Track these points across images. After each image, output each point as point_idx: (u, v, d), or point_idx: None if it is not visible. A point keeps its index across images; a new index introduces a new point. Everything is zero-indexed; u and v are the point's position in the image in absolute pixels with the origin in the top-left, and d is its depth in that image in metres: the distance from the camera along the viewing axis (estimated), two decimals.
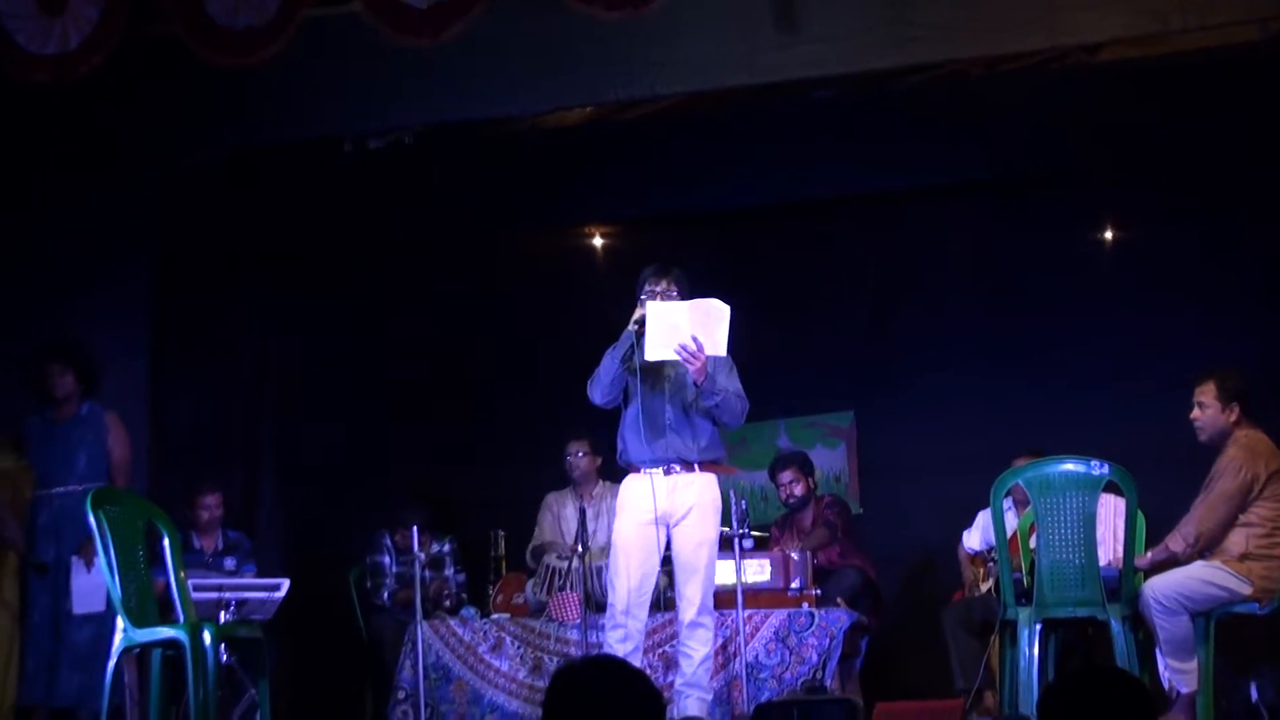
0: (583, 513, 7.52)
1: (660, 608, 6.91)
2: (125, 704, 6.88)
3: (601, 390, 6.43)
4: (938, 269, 8.98)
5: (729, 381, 6.40)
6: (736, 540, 6.77)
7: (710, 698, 6.51)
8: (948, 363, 8.91)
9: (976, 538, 7.95)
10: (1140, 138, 7.96)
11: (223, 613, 7.17)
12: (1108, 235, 8.91)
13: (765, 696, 6.87)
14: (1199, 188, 8.31)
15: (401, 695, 7.50)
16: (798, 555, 7.42)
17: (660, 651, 7.08)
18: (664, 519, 6.37)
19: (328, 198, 8.69)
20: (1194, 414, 6.43)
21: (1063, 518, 6.17)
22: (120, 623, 6.28)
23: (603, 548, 7.75)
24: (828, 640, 7.07)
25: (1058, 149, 8.19)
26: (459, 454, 9.44)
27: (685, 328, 6.17)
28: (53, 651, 6.91)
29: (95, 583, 6.67)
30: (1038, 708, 3.52)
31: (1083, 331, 8.69)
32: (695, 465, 6.40)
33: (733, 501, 6.80)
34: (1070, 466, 6.23)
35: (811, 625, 7.12)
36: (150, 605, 6.47)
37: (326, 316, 9.32)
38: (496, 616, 7.69)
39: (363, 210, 8.88)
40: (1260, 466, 6.27)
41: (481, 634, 7.55)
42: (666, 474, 6.38)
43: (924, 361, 8.97)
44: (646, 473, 6.38)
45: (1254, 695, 6.90)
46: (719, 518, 6.51)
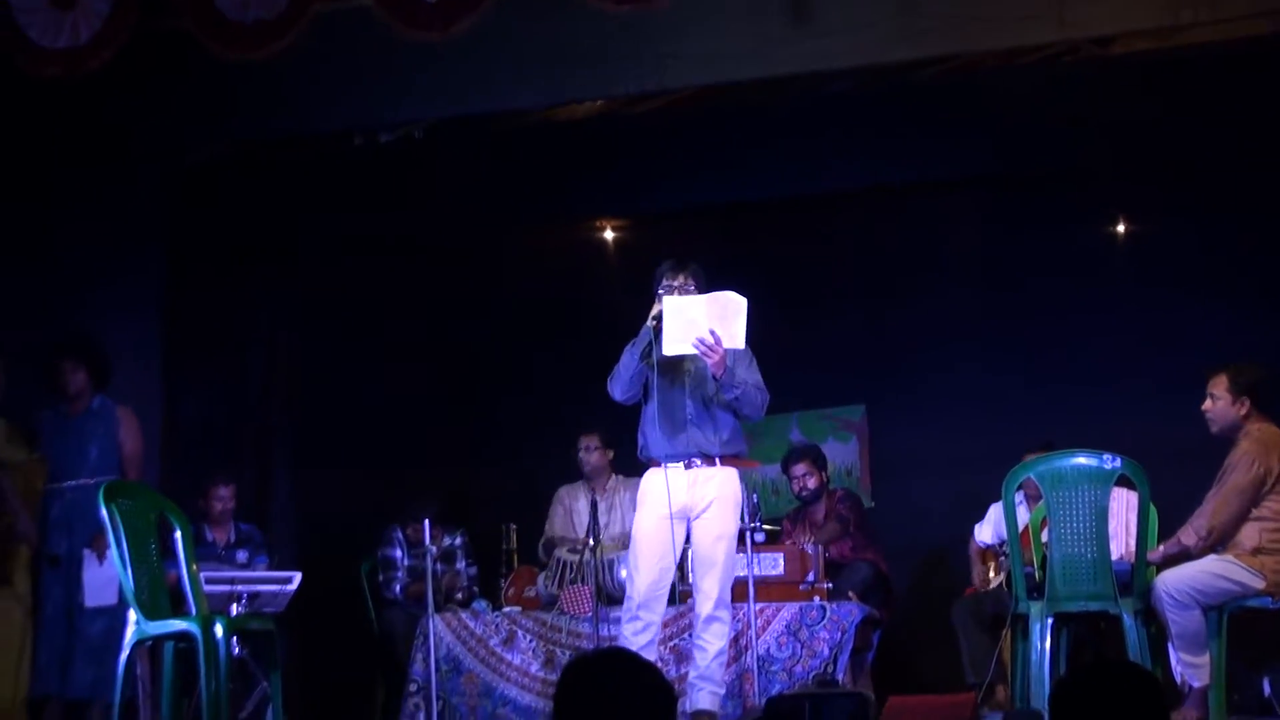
0: (594, 506, 7.50)
1: (673, 601, 6.89)
2: (138, 696, 6.87)
3: (622, 386, 6.41)
4: (949, 263, 8.96)
5: (748, 374, 6.39)
6: (748, 533, 6.75)
7: (723, 691, 6.50)
8: (959, 356, 8.90)
9: (988, 531, 7.94)
10: (1151, 132, 7.94)
11: (235, 605, 7.17)
12: (1119, 230, 8.89)
13: (776, 690, 6.86)
14: (1211, 182, 8.29)
15: (413, 688, 7.51)
16: (810, 549, 7.41)
17: (672, 644, 7.07)
18: (684, 513, 6.36)
19: (338, 192, 8.69)
20: (1205, 405, 6.42)
21: (1075, 511, 6.15)
22: (132, 615, 6.28)
23: (615, 541, 7.75)
24: (839, 634, 7.06)
25: (1069, 143, 8.18)
26: (471, 447, 9.45)
27: (703, 322, 6.15)
28: (66, 644, 6.91)
29: (107, 575, 6.67)
30: (1049, 702, 3.51)
31: (1094, 326, 8.68)
32: (716, 459, 6.38)
33: (744, 495, 6.78)
34: (1082, 460, 6.21)
35: (823, 619, 7.11)
36: (162, 598, 6.48)
37: (337, 310, 9.31)
38: (508, 610, 7.69)
39: (373, 204, 8.88)
40: (1273, 460, 6.25)
41: (493, 627, 7.55)
42: (688, 468, 6.36)
43: (935, 355, 8.96)
44: (668, 467, 6.37)
45: (1266, 689, 6.88)
46: (739, 512, 6.49)
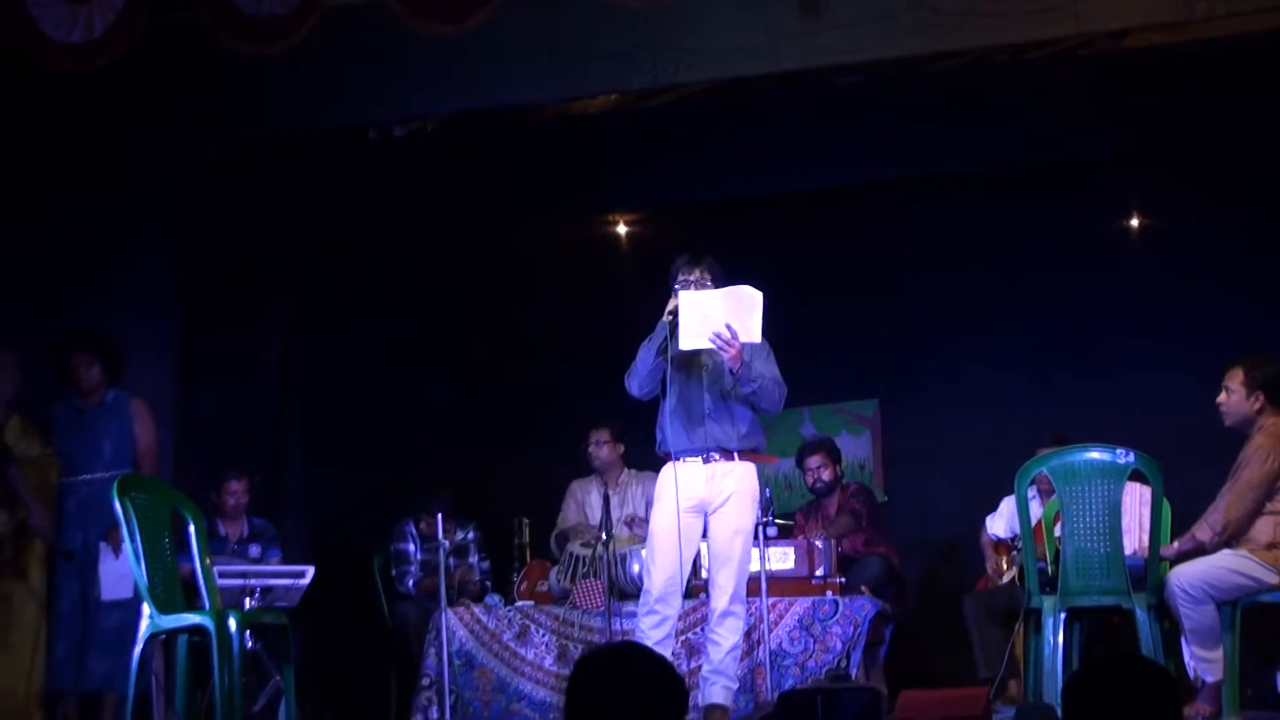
0: (607, 500, 7.51)
1: (686, 595, 6.87)
2: (151, 689, 6.90)
3: (639, 382, 6.41)
4: (963, 257, 8.95)
5: (766, 367, 6.37)
6: (761, 528, 6.74)
7: (736, 686, 6.49)
8: (972, 350, 8.89)
9: (1002, 524, 7.93)
10: (1165, 125, 7.92)
11: (248, 599, 7.18)
12: (1134, 223, 8.87)
13: (789, 684, 6.86)
14: (1226, 176, 8.27)
15: (426, 682, 7.52)
16: (822, 543, 7.40)
17: (684, 639, 7.06)
18: (702, 507, 6.36)
19: (352, 187, 8.69)
20: (1220, 398, 6.41)
21: (1088, 506, 6.14)
22: (146, 609, 6.29)
23: (627, 535, 7.75)
24: (852, 629, 7.06)
25: (1083, 137, 8.15)
26: (484, 441, 9.45)
27: (719, 316, 6.13)
28: (81, 638, 6.93)
29: (123, 569, 6.67)
30: (1062, 696, 3.51)
31: (1108, 320, 8.66)
32: (735, 454, 6.37)
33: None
34: (1096, 455, 6.20)
35: (836, 613, 7.10)
36: (176, 592, 6.48)
37: (350, 305, 9.31)
38: (521, 604, 7.69)
39: (387, 198, 8.89)
40: None
41: (506, 621, 7.56)
42: (706, 462, 6.36)
43: (949, 349, 8.95)
44: (686, 462, 6.37)
45: None
46: (757, 507, 6.49)
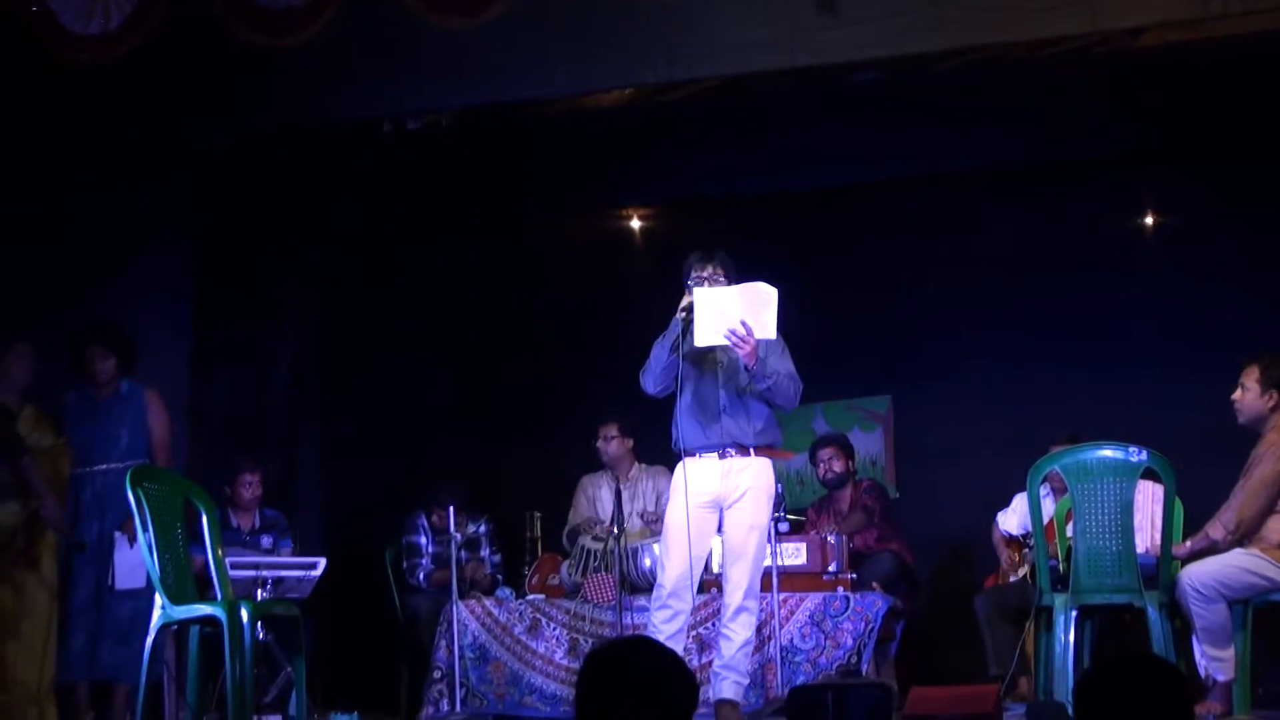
0: (618, 494, 7.51)
1: (698, 589, 6.87)
2: (163, 679, 6.92)
3: (654, 379, 6.41)
4: (976, 254, 8.93)
5: (781, 363, 6.37)
6: (772, 523, 6.74)
7: (747, 682, 6.48)
8: (985, 347, 8.88)
9: (1013, 521, 7.92)
10: (1180, 123, 7.90)
11: (260, 590, 7.19)
12: (1147, 221, 8.85)
13: (800, 680, 6.86)
14: (1242, 173, 8.25)
15: (437, 675, 7.53)
16: (834, 539, 7.40)
17: (696, 633, 7.06)
18: (717, 502, 6.36)
19: (366, 179, 8.70)
20: (1236, 395, 6.41)
21: (1100, 504, 6.13)
22: (158, 599, 6.30)
23: (639, 529, 7.75)
24: (863, 625, 7.05)
25: (1098, 133, 8.15)
26: (495, 435, 9.45)
27: (734, 313, 6.13)
28: (96, 627, 6.95)
29: (138, 558, 6.68)
30: (1073, 694, 3.51)
31: (1121, 317, 8.64)
32: (750, 450, 6.37)
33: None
34: (1108, 452, 6.20)
35: (847, 609, 7.10)
36: (188, 582, 6.50)
37: (363, 297, 9.33)
38: (532, 597, 7.70)
39: (401, 191, 8.89)
40: None
41: (518, 615, 7.56)
42: (721, 458, 6.36)
43: (961, 346, 8.93)
44: (702, 458, 6.37)
45: None
46: (772, 503, 6.50)
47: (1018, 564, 7.84)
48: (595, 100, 7.78)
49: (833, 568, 7.30)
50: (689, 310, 6.25)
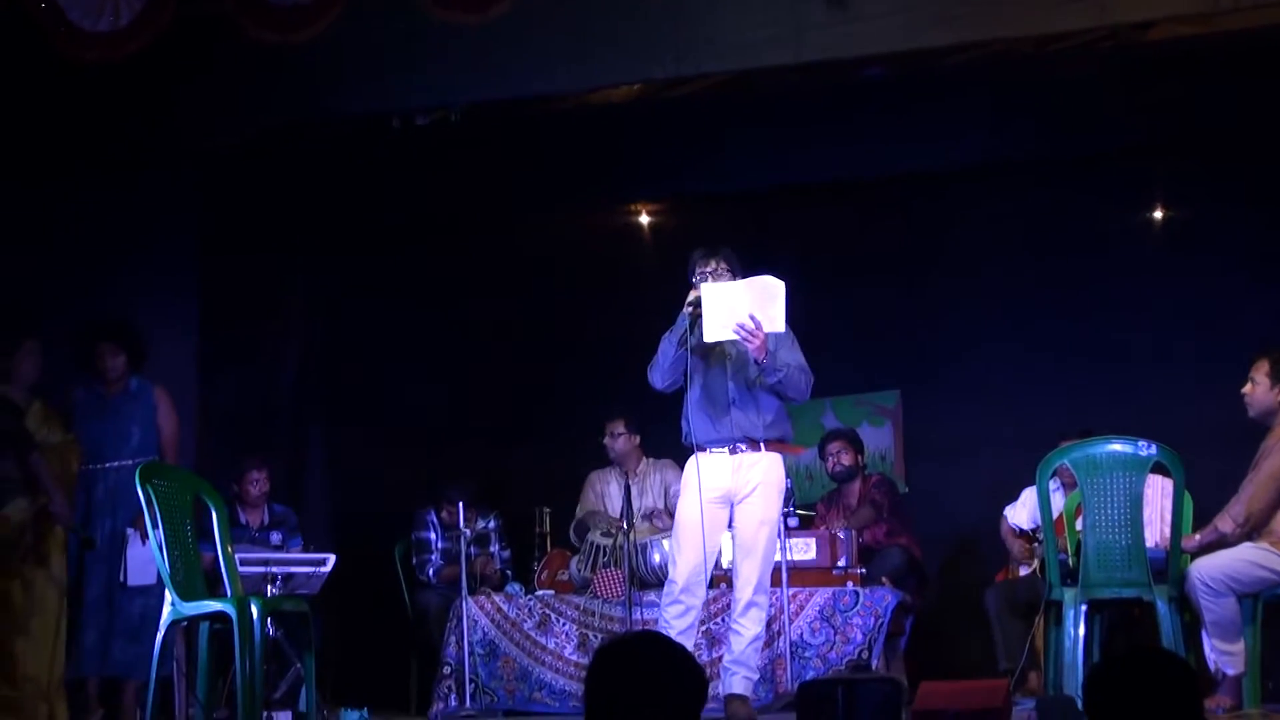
0: (628, 489, 7.52)
1: (708, 585, 6.87)
2: (173, 676, 6.93)
3: (662, 375, 6.40)
4: (985, 248, 8.93)
5: (791, 356, 6.35)
6: (782, 518, 6.74)
7: (756, 677, 6.50)
8: (994, 341, 8.88)
9: (1024, 514, 7.90)
10: (1190, 117, 7.90)
11: (269, 587, 7.21)
12: (1157, 215, 8.84)
13: (810, 675, 6.87)
14: (1251, 166, 8.24)
15: (446, 670, 7.54)
16: (843, 534, 7.41)
17: (706, 628, 7.06)
18: (728, 498, 6.36)
19: (374, 175, 8.71)
20: (1245, 389, 6.42)
21: (1109, 498, 6.13)
22: (168, 596, 6.32)
23: (647, 528, 7.76)
24: (873, 620, 7.06)
25: (1107, 128, 8.14)
26: (504, 430, 9.47)
27: (742, 307, 6.12)
28: (107, 624, 6.97)
29: (149, 555, 6.67)
30: (1083, 688, 3.51)
31: (1131, 310, 8.64)
32: (761, 444, 6.36)
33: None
34: (1117, 447, 6.19)
35: (856, 604, 7.11)
36: (198, 579, 6.51)
37: (372, 293, 9.34)
38: (542, 593, 7.71)
39: (409, 187, 8.90)
40: None
41: (527, 611, 7.58)
42: (732, 453, 6.35)
43: (971, 340, 8.93)
44: (712, 452, 6.37)
45: None
46: (782, 498, 6.50)
47: (1027, 558, 7.85)
48: (603, 96, 7.78)
49: (842, 563, 7.31)
50: (696, 305, 6.26)
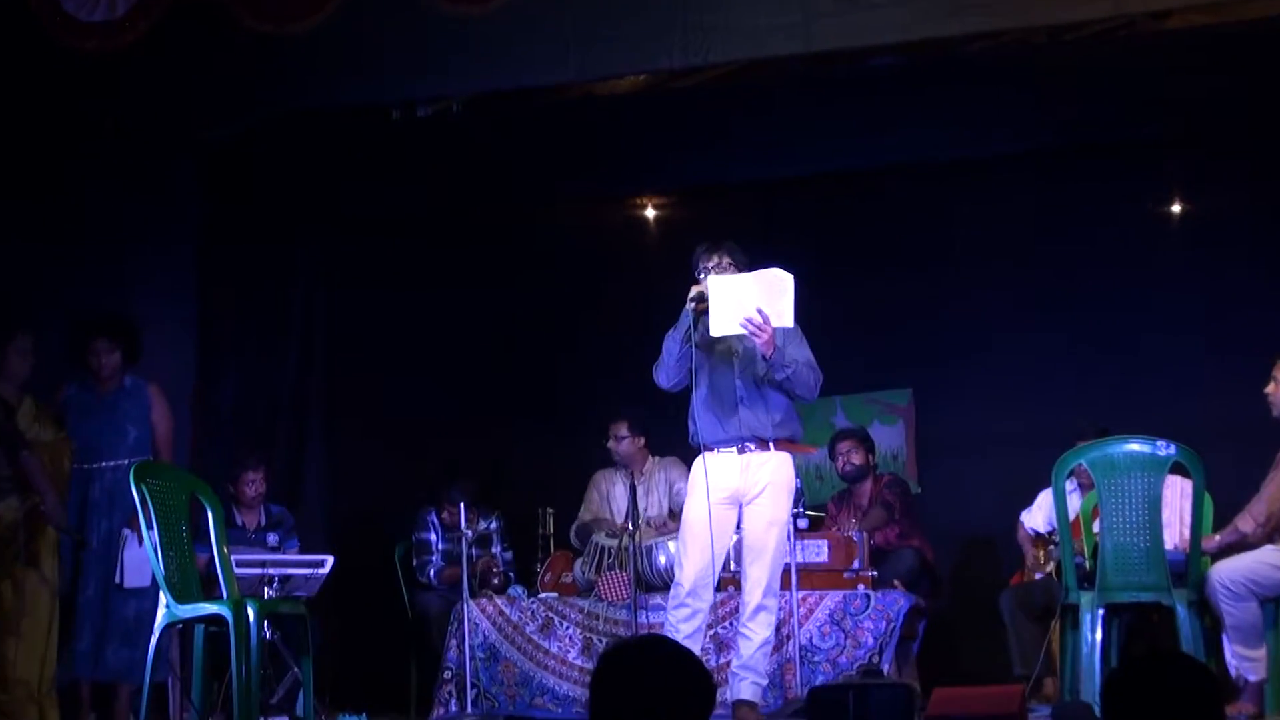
0: (633, 490, 7.51)
1: (715, 588, 6.87)
2: (168, 680, 6.93)
3: (667, 373, 6.39)
4: (999, 242, 8.91)
5: (799, 352, 6.35)
6: (791, 520, 6.73)
7: (765, 683, 6.49)
8: (1009, 338, 8.86)
9: (1040, 518, 7.91)
10: (1209, 107, 7.88)
11: (267, 589, 7.22)
12: (1175, 208, 8.83)
13: (819, 680, 6.86)
14: (1270, 158, 8.22)
15: (447, 675, 7.54)
16: (854, 535, 7.40)
17: (713, 632, 7.06)
18: (736, 498, 6.35)
19: (375, 168, 8.70)
20: (1269, 389, 6.42)
21: (1127, 499, 6.12)
22: (163, 598, 6.32)
23: (654, 526, 7.75)
24: (885, 624, 7.05)
25: (1123, 119, 8.11)
26: (507, 429, 9.46)
27: (749, 300, 6.11)
28: (102, 627, 6.97)
29: (146, 556, 6.70)
30: (1100, 695, 3.49)
31: (1149, 306, 8.62)
32: (770, 443, 6.36)
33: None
34: (1135, 447, 6.18)
35: (868, 608, 7.10)
36: (193, 581, 6.51)
37: (373, 288, 9.33)
38: (545, 596, 7.71)
39: (410, 180, 8.89)
40: None
41: (530, 614, 7.57)
42: (740, 452, 6.35)
43: (984, 336, 8.92)
44: (720, 452, 6.36)
45: None
46: (792, 499, 6.50)
47: (1043, 561, 7.84)
48: (609, 86, 7.76)
49: (854, 565, 7.29)
50: (699, 299, 6.25)
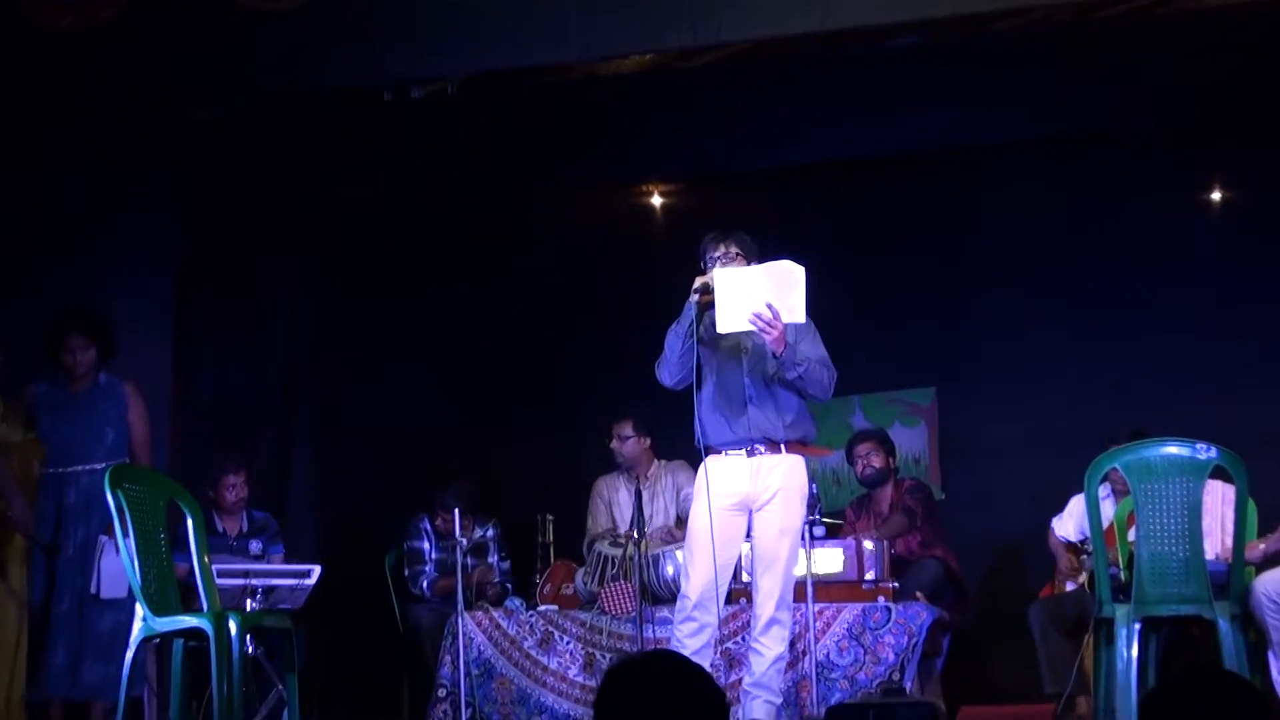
0: (639, 496, 7.45)
1: (726, 600, 6.80)
2: (144, 697, 6.88)
3: (670, 370, 6.34)
4: (1026, 232, 8.90)
5: (812, 349, 6.30)
6: (807, 527, 6.68)
7: (779, 702, 6.44)
8: (1038, 335, 8.87)
9: (1070, 526, 7.87)
10: (1250, 90, 7.84)
11: (249, 601, 7.20)
12: (1213, 196, 8.82)
13: (837, 699, 6.86)
14: None
15: (442, 693, 7.52)
16: (874, 544, 7.36)
17: (724, 648, 7.04)
18: (745, 504, 6.30)
19: (367, 152, 8.67)
20: None
21: (1165, 506, 6.06)
22: (140, 610, 6.26)
23: (661, 534, 7.71)
24: (906, 639, 7.01)
25: (1158, 102, 8.09)
26: (504, 431, 9.44)
27: (759, 294, 6.07)
28: (78, 642, 6.91)
29: (123, 565, 6.65)
30: (1138, 715, 3.44)
31: (1187, 301, 8.60)
32: (781, 445, 6.31)
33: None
34: (1173, 450, 6.11)
35: (888, 621, 7.07)
36: (172, 592, 6.46)
37: (361, 283, 9.31)
38: (544, 608, 7.68)
39: (404, 165, 8.86)
40: None
41: (528, 627, 7.54)
42: (750, 455, 6.29)
43: (1012, 332, 8.94)
44: (728, 455, 6.30)
45: None
46: (805, 504, 6.45)
47: (1075, 571, 7.77)
48: (613, 66, 7.76)
49: (872, 575, 7.28)
50: (704, 290, 6.19)
